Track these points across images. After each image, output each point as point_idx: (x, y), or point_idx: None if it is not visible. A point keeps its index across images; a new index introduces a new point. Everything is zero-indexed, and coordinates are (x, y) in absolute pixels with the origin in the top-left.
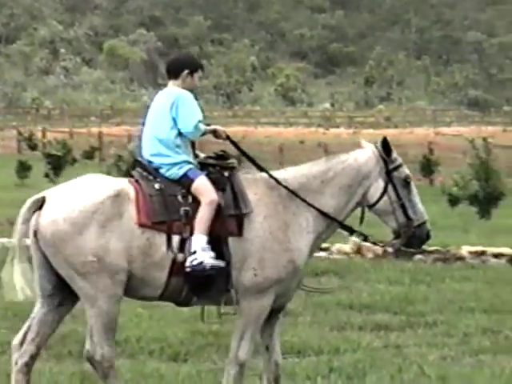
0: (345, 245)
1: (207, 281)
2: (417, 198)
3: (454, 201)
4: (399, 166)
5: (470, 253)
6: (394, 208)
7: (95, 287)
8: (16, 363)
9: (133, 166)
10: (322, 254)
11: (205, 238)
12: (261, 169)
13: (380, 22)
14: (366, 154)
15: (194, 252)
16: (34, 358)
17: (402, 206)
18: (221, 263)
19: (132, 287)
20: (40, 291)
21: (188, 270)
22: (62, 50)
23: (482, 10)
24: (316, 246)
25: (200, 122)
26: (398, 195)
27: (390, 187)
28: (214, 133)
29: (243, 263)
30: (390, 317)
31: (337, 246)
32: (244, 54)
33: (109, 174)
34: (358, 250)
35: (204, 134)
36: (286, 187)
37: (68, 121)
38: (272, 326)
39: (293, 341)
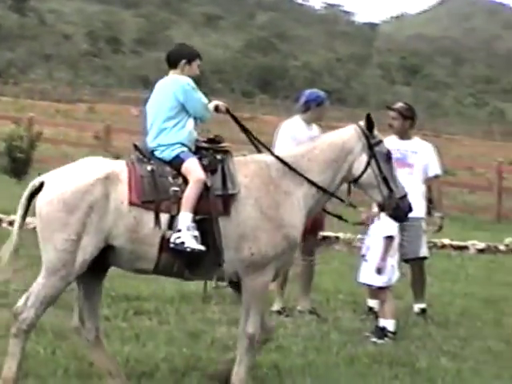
0: None
1: (195, 257)
2: (397, 174)
3: None
4: (380, 142)
5: None
6: (378, 181)
7: (62, 264)
8: (87, 341)
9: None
10: None
11: (190, 216)
12: (259, 143)
13: None
14: (348, 132)
15: (179, 230)
16: (98, 329)
17: (385, 180)
18: (201, 247)
19: (125, 260)
20: None
21: (171, 245)
22: None
23: None
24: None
25: (206, 104)
26: (380, 169)
27: (372, 161)
28: (215, 108)
29: (239, 243)
30: None
31: None
32: None
33: None
34: None
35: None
36: (287, 164)
37: None
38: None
39: None
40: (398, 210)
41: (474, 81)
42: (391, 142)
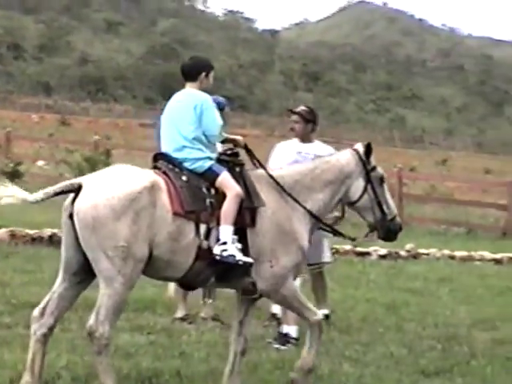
0: None
1: (229, 268)
2: (388, 195)
3: None
4: (375, 167)
5: None
6: (373, 205)
7: (117, 270)
8: (35, 333)
9: (155, 158)
10: None
11: (231, 229)
12: (272, 178)
13: None
14: (345, 156)
15: (224, 243)
16: (51, 329)
17: (379, 203)
18: (250, 260)
19: (156, 269)
20: (65, 269)
21: (217, 258)
22: None
23: None
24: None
25: (221, 127)
26: (375, 193)
27: (369, 187)
28: (234, 141)
29: (259, 256)
30: None
31: None
32: None
33: None
34: None
35: (224, 141)
36: (282, 187)
37: None
38: (249, 303)
39: None
40: (389, 231)
41: (375, 87)
42: (293, 146)
